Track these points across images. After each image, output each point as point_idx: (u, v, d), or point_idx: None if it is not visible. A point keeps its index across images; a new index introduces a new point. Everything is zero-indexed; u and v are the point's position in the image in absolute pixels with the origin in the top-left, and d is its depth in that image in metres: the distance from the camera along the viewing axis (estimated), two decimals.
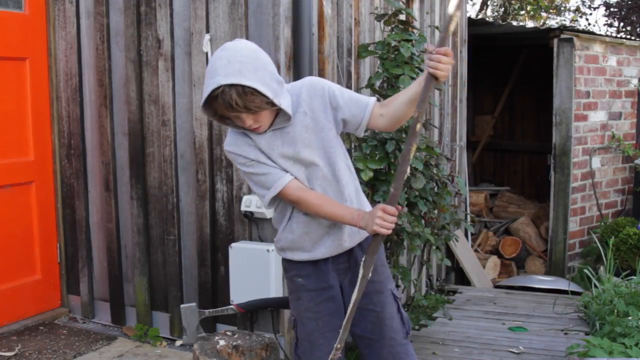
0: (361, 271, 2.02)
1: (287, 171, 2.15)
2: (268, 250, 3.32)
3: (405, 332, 2.32)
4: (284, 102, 2.06)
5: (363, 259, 2.04)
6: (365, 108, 2.11)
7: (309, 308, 2.27)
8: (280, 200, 2.20)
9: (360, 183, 2.47)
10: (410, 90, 2.05)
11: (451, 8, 1.86)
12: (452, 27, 1.89)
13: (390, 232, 2.02)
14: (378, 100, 2.28)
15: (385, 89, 3.51)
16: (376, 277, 2.24)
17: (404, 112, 2.06)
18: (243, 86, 1.94)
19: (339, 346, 2.08)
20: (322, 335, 2.25)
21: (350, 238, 2.24)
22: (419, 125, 1.92)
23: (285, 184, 2.13)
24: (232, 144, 2.17)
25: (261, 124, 2.08)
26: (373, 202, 3.38)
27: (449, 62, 1.90)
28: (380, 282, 2.28)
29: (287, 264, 2.33)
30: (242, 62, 1.97)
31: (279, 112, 2.11)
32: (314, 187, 2.17)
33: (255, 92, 1.96)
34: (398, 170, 1.95)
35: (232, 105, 1.96)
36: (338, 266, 2.27)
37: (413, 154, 1.95)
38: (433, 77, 1.92)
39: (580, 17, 12.40)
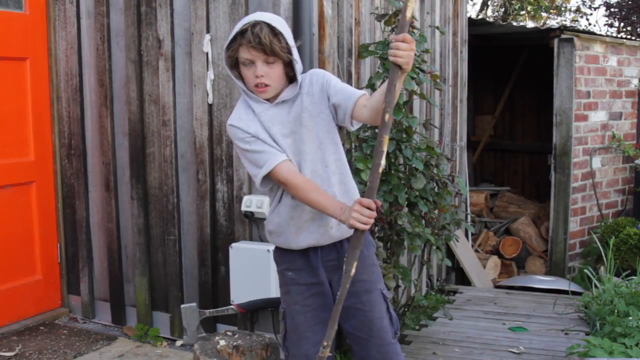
0: (344, 267, 2.04)
1: (282, 150, 2.21)
2: (268, 251, 3.32)
3: (393, 332, 2.34)
4: (299, 67, 2.20)
5: (346, 255, 2.05)
6: (351, 97, 2.17)
7: (298, 301, 2.32)
8: (272, 181, 2.25)
9: (360, 183, 2.48)
10: (387, 85, 2.06)
11: None
12: (408, 13, 1.90)
13: (367, 227, 2.03)
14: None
15: None
16: (365, 276, 2.29)
17: (381, 104, 2.05)
18: (273, 27, 2.12)
19: (326, 343, 2.09)
20: (310, 328, 2.29)
21: (339, 226, 2.24)
22: (387, 116, 1.93)
23: (277, 163, 2.18)
24: (236, 117, 2.26)
25: (271, 81, 2.17)
26: None
27: (407, 49, 1.91)
28: (370, 281, 2.32)
29: (278, 257, 2.38)
30: (272, 17, 2.18)
31: (287, 86, 2.22)
32: (303, 167, 2.23)
33: (282, 36, 2.12)
34: (373, 163, 1.97)
35: (260, 38, 2.09)
36: (327, 263, 2.30)
37: (386, 145, 1.95)
38: (396, 66, 1.94)
39: (581, 17, 12.41)
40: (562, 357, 3.71)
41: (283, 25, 2.17)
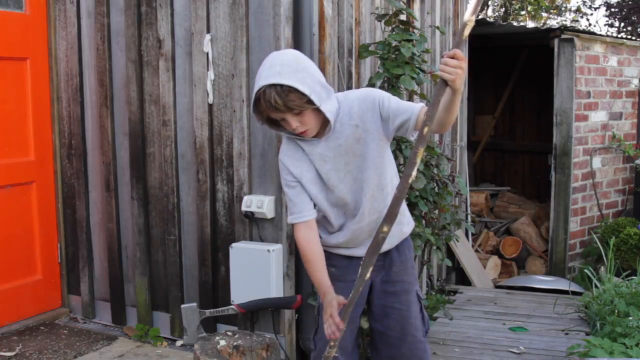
0: (360, 271, 2.03)
1: (334, 185, 2.24)
2: (269, 251, 3.32)
3: (424, 331, 2.45)
4: (326, 106, 2.13)
5: (362, 259, 2.05)
6: (411, 114, 2.15)
7: None
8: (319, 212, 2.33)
9: None
10: (446, 101, 2.03)
11: (467, 14, 1.85)
12: (466, 33, 1.86)
13: (329, 336, 2.09)
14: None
15: (386, 89, 3.51)
16: (406, 277, 2.41)
17: (445, 119, 2.06)
18: (282, 85, 2.05)
19: (332, 343, 2.09)
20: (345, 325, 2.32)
21: (389, 242, 2.32)
22: (426, 129, 1.89)
23: (298, 222, 2.27)
24: (285, 153, 2.29)
25: (307, 127, 2.15)
26: None
27: (456, 66, 1.88)
28: (410, 282, 2.42)
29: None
30: (283, 64, 2.08)
31: (328, 121, 2.18)
32: (363, 196, 2.26)
33: (294, 90, 2.05)
34: (404, 172, 1.95)
35: (272, 104, 2.06)
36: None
37: (420, 157, 1.93)
38: (443, 81, 1.92)
39: (581, 17, 12.42)
40: (562, 357, 3.71)
41: (295, 72, 2.06)
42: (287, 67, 2.07)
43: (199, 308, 3.38)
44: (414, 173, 1.96)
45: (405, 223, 2.45)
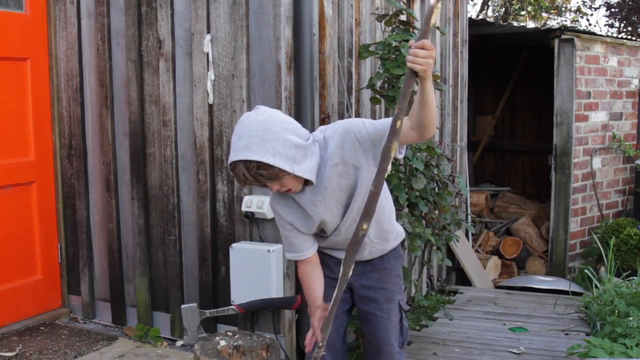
0: (341, 270, 2.03)
1: (330, 221, 2.28)
2: (269, 251, 3.32)
3: (401, 342, 2.47)
4: (304, 167, 2.10)
5: (343, 257, 2.05)
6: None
7: None
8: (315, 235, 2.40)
9: None
10: (418, 95, 1.99)
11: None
12: (432, 20, 1.81)
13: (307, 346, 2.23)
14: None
15: (386, 89, 3.52)
16: (389, 286, 2.43)
17: (423, 117, 2.01)
18: (250, 161, 2.01)
19: (321, 344, 2.10)
20: None
21: (370, 254, 2.40)
22: (398, 123, 1.86)
23: (298, 259, 2.36)
24: (275, 200, 2.31)
25: (288, 187, 2.14)
26: None
27: (427, 56, 1.82)
28: (393, 291, 2.44)
29: None
30: (250, 136, 2.02)
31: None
32: (345, 217, 2.28)
33: (262, 165, 2.02)
34: (378, 168, 1.92)
35: (242, 180, 2.06)
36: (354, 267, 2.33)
37: (394, 152, 1.90)
38: (413, 73, 1.86)
39: (581, 17, 12.42)
40: (562, 358, 3.71)
41: (263, 143, 2.01)
42: (254, 138, 2.01)
43: (199, 308, 3.38)
44: (389, 167, 1.94)
45: (391, 240, 2.45)
